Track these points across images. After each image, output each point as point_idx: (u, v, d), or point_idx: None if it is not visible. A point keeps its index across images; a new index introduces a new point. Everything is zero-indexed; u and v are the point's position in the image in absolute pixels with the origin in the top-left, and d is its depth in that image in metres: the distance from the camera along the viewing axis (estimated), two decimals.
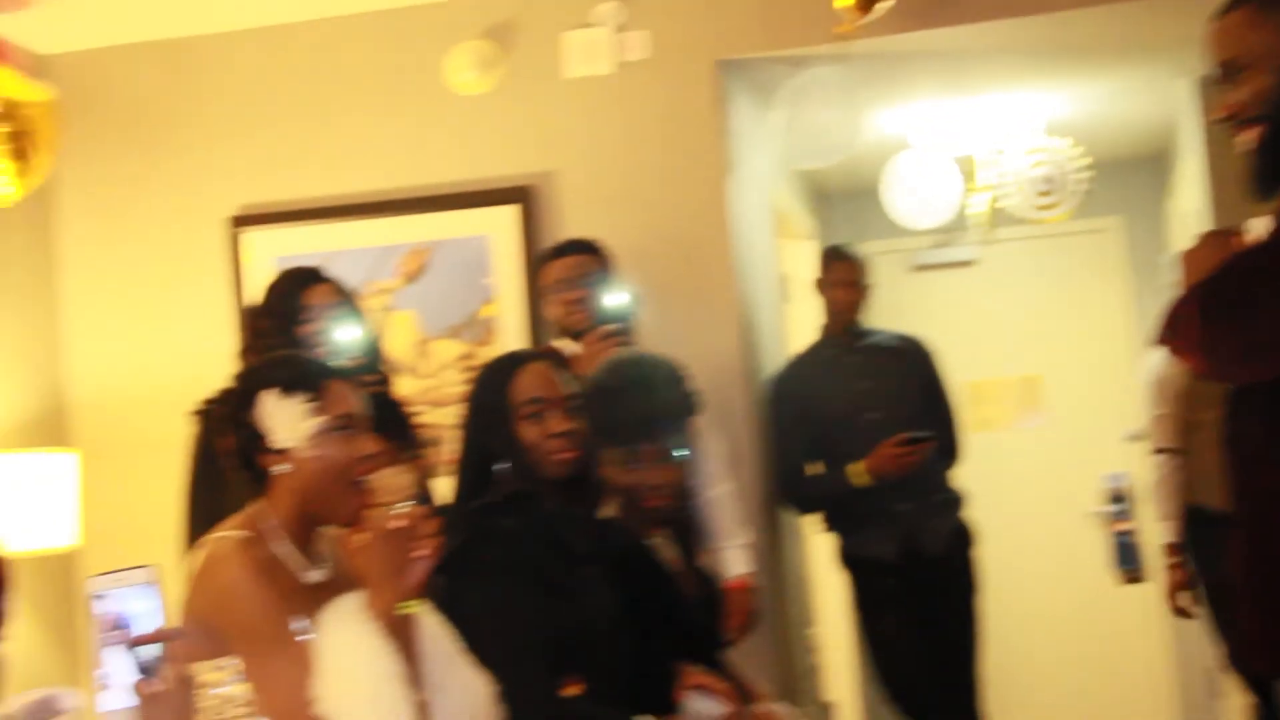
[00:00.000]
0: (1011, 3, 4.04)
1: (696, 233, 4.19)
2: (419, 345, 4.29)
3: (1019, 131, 5.39)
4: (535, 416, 2.56)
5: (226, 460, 2.25)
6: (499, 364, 2.69)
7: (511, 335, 4.20)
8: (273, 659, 2.03)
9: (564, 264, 3.71)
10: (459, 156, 4.31)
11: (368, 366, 3.11)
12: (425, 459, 3.23)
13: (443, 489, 2.86)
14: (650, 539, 2.95)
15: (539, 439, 2.55)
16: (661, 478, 2.97)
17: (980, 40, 4.29)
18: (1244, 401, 2.08)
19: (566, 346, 3.60)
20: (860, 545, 4.32)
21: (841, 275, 4.45)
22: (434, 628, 2.23)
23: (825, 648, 5.29)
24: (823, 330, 4.52)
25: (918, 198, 5.34)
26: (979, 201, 5.51)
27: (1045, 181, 5.37)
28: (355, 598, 2.10)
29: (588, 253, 3.73)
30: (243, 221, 4.40)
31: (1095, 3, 4.01)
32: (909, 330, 4.64)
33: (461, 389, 3.37)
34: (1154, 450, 4.40)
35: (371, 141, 4.38)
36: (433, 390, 4.25)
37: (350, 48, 4.40)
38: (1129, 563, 4.44)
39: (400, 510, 2.10)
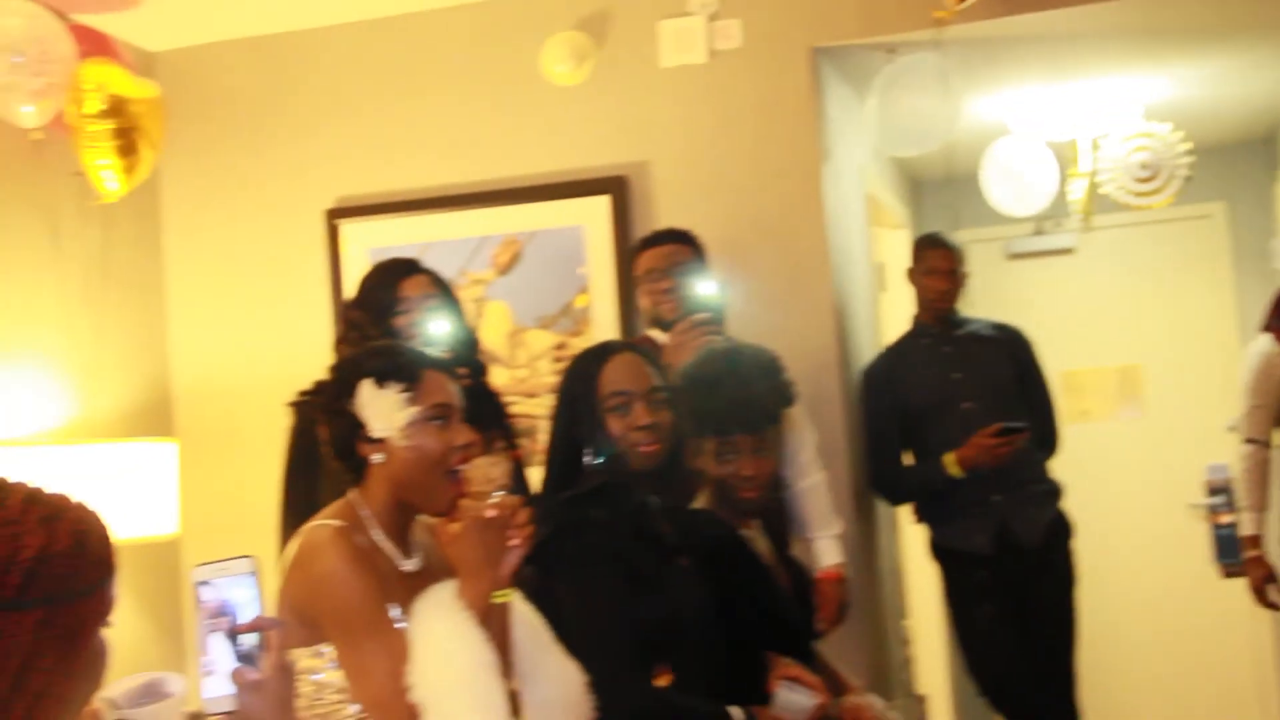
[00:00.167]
0: None
1: (790, 222, 4.17)
2: (512, 336, 4.31)
3: (1119, 116, 5.29)
4: (620, 409, 2.55)
5: (323, 450, 2.27)
6: (588, 355, 2.69)
7: (604, 325, 4.21)
8: (367, 647, 2.05)
9: (655, 253, 3.71)
10: (552, 147, 4.33)
11: (463, 357, 3.11)
12: (519, 449, 3.25)
13: (536, 479, 2.87)
14: (743, 530, 2.94)
15: (623, 432, 2.55)
16: (754, 469, 2.96)
17: (1080, 24, 4.22)
18: None
19: (659, 336, 3.60)
20: (953, 536, 4.28)
21: (935, 263, 4.39)
22: (526, 617, 2.25)
23: (918, 640, 5.25)
24: (915, 319, 4.48)
25: (1016, 184, 5.26)
26: (1078, 188, 5.42)
27: (1145, 167, 5.27)
28: (449, 587, 2.11)
29: (679, 242, 3.73)
30: (340, 213, 4.45)
31: None
32: (1006, 319, 4.58)
33: (554, 379, 3.39)
34: (1244, 440, 4.31)
35: (466, 133, 4.41)
36: (525, 381, 4.27)
37: (445, 40, 4.43)
38: (1230, 556, 4.34)
39: (494, 500, 2.12)
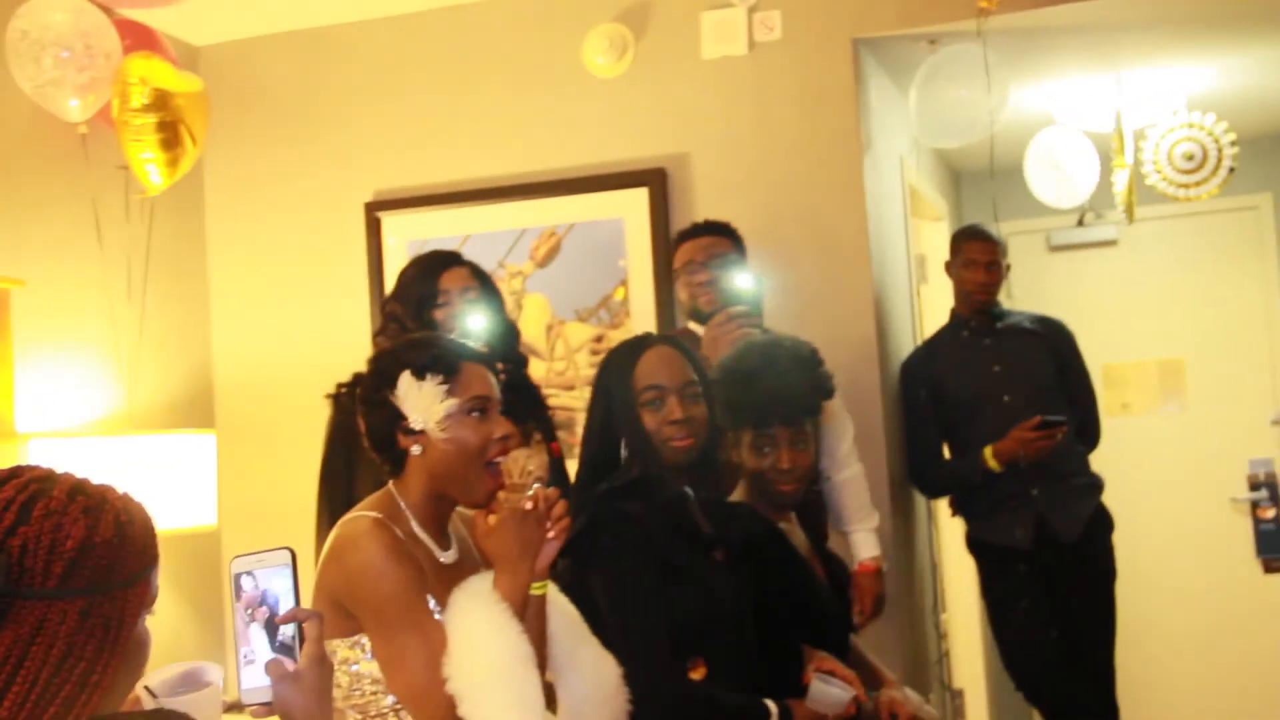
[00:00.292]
0: None
1: (830, 214, 4.16)
2: (550, 328, 4.32)
3: (1163, 107, 5.24)
4: (654, 403, 2.56)
5: (361, 442, 2.28)
6: (624, 348, 2.69)
7: (643, 318, 4.22)
8: (404, 638, 2.06)
9: (694, 245, 3.70)
10: (592, 139, 4.33)
11: (502, 350, 3.12)
12: (557, 442, 3.26)
13: (574, 472, 2.88)
14: (780, 523, 2.94)
15: (656, 426, 2.55)
16: (792, 461, 2.96)
17: (1124, 13, 4.19)
18: None
19: (697, 329, 3.60)
20: (991, 530, 4.26)
21: (974, 255, 4.35)
22: (563, 609, 2.26)
23: (955, 634, 5.24)
24: (954, 312, 4.45)
25: (1058, 176, 5.22)
26: (1121, 179, 5.37)
27: (1190, 158, 5.22)
28: (485, 578, 2.13)
29: (718, 234, 3.72)
30: (380, 206, 4.47)
31: None
32: (1047, 311, 4.55)
33: (592, 372, 3.40)
34: None
35: (505, 125, 4.42)
36: (564, 373, 4.28)
37: (484, 33, 4.44)
38: (1272, 550, 4.29)
39: (531, 493, 2.13)
